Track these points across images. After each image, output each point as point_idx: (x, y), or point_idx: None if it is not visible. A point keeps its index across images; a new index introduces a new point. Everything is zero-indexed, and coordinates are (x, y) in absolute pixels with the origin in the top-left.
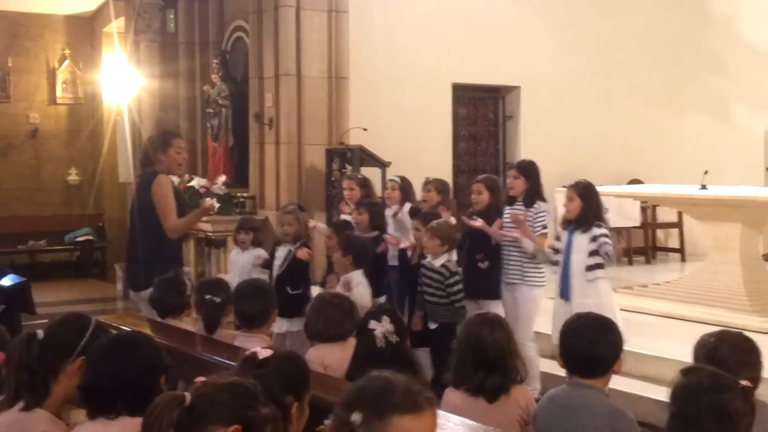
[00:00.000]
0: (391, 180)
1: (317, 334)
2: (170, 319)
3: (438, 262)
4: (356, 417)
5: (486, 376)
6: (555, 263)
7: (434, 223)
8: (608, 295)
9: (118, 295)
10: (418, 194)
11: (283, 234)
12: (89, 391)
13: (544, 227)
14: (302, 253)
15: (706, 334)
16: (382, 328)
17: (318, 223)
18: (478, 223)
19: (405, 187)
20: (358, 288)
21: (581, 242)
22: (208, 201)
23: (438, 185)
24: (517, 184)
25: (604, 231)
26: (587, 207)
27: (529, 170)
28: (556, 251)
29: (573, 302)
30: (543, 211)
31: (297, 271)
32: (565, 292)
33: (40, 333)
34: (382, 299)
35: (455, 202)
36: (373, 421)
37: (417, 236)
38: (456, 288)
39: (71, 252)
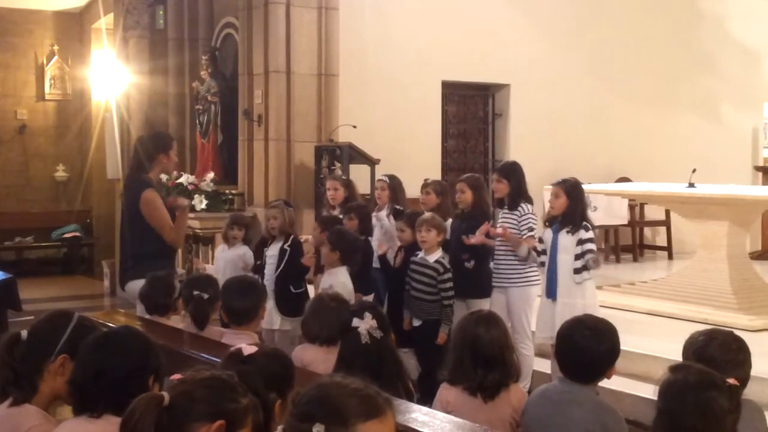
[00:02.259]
0: (380, 180)
1: (316, 336)
2: (156, 317)
3: (432, 258)
4: (318, 429)
5: (486, 374)
6: (541, 264)
7: (425, 216)
8: (593, 295)
9: (105, 292)
10: (412, 193)
11: (270, 228)
12: (76, 388)
13: (530, 230)
14: (308, 261)
15: (697, 332)
16: (365, 324)
17: (309, 237)
18: (474, 240)
19: (394, 187)
20: (339, 279)
21: (567, 242)
22: (177, 198)
23: (437, 187)
24: (500, 188)
25: (590, 236)
26: (573, 206)
27: (509, 172)
28: (542, 252)
29: (559, 302)
30: (528, 214)
31: (297, 270)
32: (551, 292)
33: (24, 333)
34: (370, 297)
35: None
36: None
37: (401, 237)
38: (447, 285)
39: (58, 249)
